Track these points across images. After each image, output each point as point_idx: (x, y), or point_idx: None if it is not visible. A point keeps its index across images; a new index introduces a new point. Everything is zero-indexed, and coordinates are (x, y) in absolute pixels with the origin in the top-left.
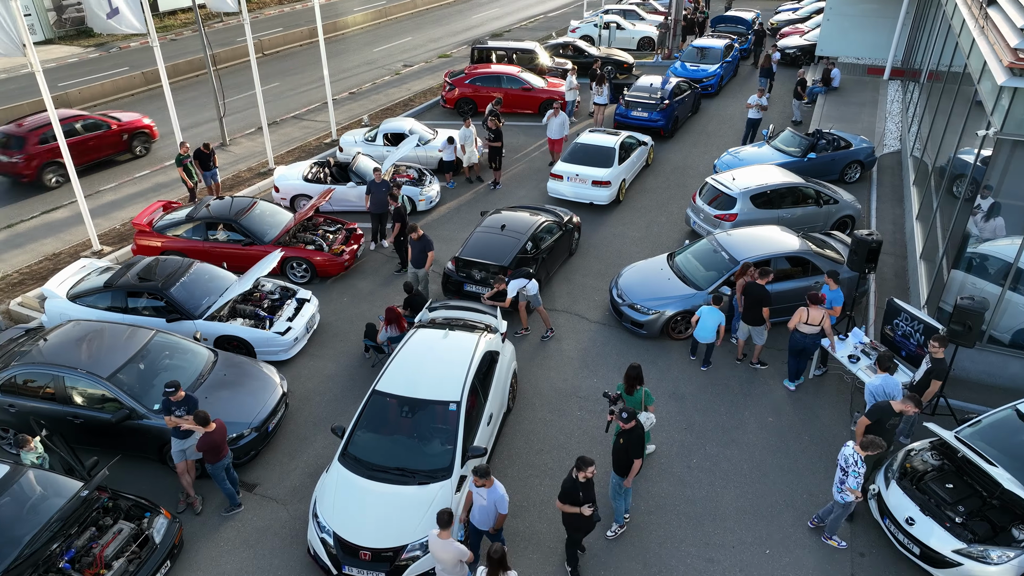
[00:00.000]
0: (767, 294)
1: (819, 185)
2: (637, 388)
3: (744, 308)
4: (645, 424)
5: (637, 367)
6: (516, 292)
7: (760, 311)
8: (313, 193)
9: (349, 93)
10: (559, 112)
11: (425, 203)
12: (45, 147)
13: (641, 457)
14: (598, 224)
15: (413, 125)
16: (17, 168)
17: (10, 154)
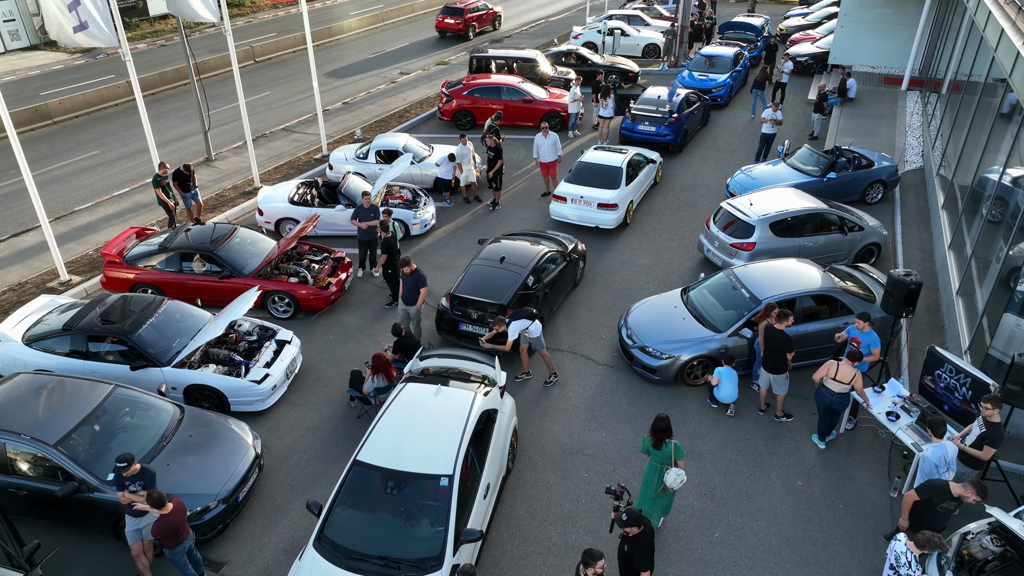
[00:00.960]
0: (788, 340)
1: (843, 210)
2: (666, 441)
3: (764, 354)
4: (675, 483)
5: (666, 419)
6: (517, 334)
7: (781, 358)
8: (299, 217)
9: (342, 103)
10: (548, 132)
11: (419, 227)
12: None
13: (649, 569)
14: (604, 250)
15: (407, 141)
16: None
17: None
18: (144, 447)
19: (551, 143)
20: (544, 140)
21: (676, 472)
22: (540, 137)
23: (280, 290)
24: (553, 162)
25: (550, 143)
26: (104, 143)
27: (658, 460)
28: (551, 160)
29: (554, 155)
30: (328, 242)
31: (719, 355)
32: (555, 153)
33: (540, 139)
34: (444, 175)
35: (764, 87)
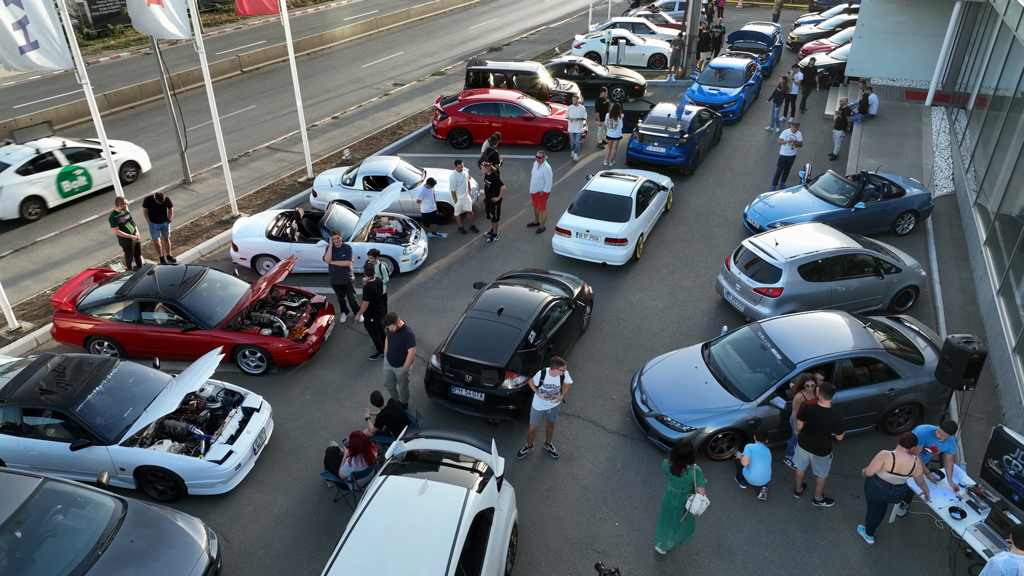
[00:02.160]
0: (838, 420)
1: (878, 249)
2: (686, 468)
3: (803, 432)
4: (699, 510)
5: (688, 444)
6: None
7: (827, 439)
8: (278, 253)
9: (332, 118)
10: (543, 162)
11: (410, 263)
12: None
13: None
14: (612, 289)
15: (398, 165)
16: None
17: None
18: (75, 557)
19: (541, 175)
20: (536, 170)
21: (700, 499)
22: (535, 164)
23: (252, 344)
24: (541, 194)
25: (540, 174)
26: None
27: (678, 486)
28: (536, 192)
29: (541, 187)
30: (310, 281)
31: (748, 428)
32: (543, 185)
33: (534, 167)
34: (428, 208)
35: (782, 100)
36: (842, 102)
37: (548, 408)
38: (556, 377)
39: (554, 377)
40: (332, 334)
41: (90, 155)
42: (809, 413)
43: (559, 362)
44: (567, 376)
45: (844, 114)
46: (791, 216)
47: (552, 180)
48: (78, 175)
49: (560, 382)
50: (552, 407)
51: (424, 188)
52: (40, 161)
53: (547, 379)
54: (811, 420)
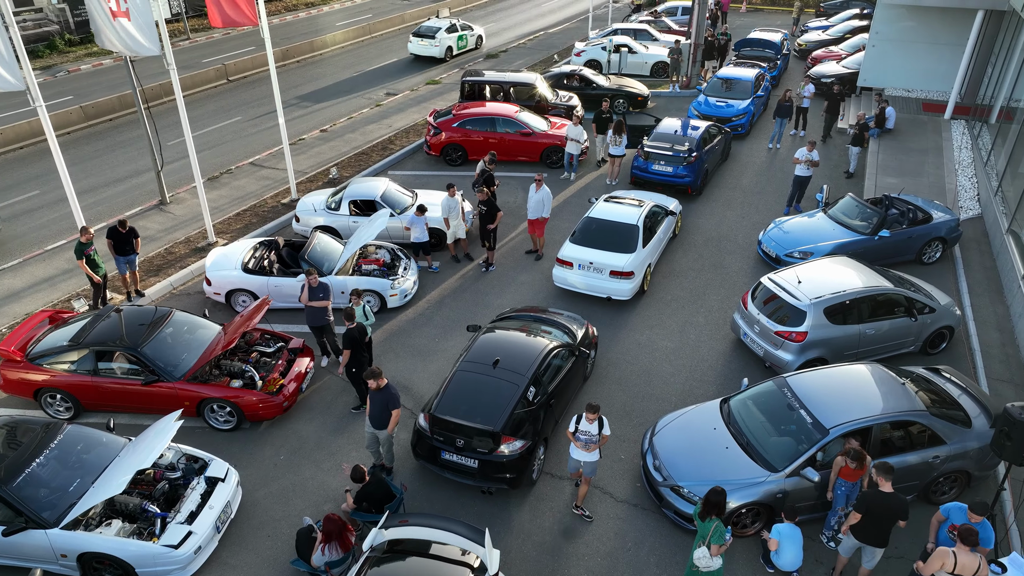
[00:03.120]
0: (903, 505)
1: (910, 287)
2: (712, 518)
3: (861, 521)
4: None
5: (721, 493)
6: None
7: (887, 529)
8: (255, 288)
9: (320, 131)
10: (542, 185)
11: (398, 299)
12: None
13: None
14: (617, 327)
15: (386, 188)
16: None
17: None
18: None
19: (539, 199)
20: (534, 194)
21: (702, 553)
22: (532, 187)
23: (220, 398)
24: (540, 220)
25: (538, 199)
26: (45, 181)
27: (700, 532)
28: (535, 218)
29: (540, 212)
30: (290, 318)
31: (775, 502)
32: (542, 210)
33: (532, 191)
34: (419, 237)
35: (789, 115)
36: (859, 116)
37: (583, 459)
38: (593, 423)
39: (591, 424)
40: (312, 379)
41: None
42: (870, 501)
43: (594, 407)
44: (606, 425)
45: (861, 130)
46: (809, 245)
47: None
48: None
49: (598, 430)
50: (588, 459)
51: (414, 215)
52: None
53: (583, 424)
54: (873, 509)
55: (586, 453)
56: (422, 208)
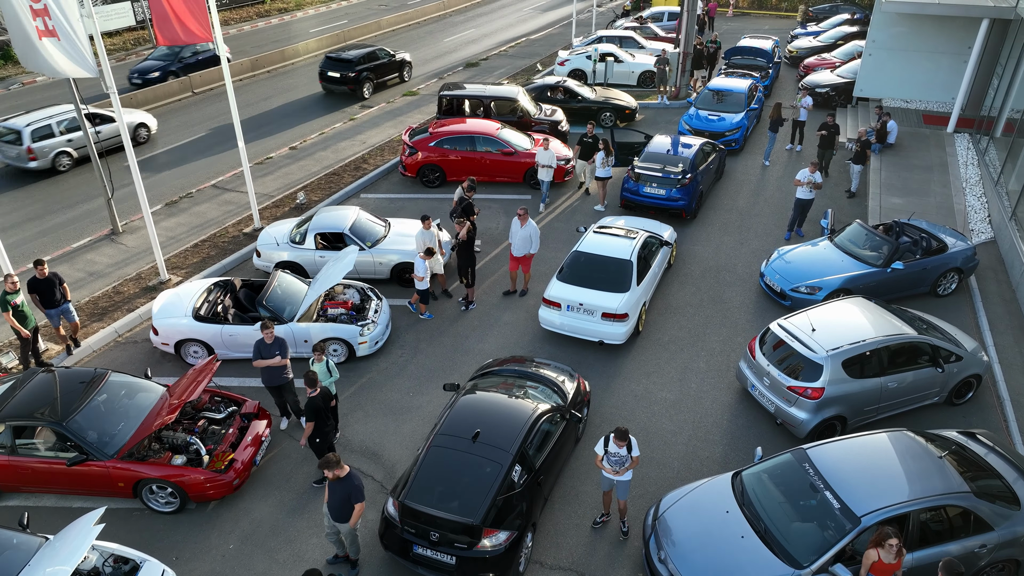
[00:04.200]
0: None
1: (934, 332)
2: None
3: None
4: None
5: None
6: None
7: None
8: (207, 338)
9: (289, 148)
10: (527, 220)
11: (368, 346)
12: None
13: None
14: (611, 375)
15: (357, 217)
16: None
17: None
18: None
19: (526, 235)
20: (519, 229)
21: None
22: (515, 222)
23: (160, 478)
24: (525, 257)
25: (524, 234)
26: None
27: None
28: (521, 255)
29: (526, 249)
30: (246, 369)
31: None
32: (528, 247)
33: (515, 226)
34: (423, 285)
35: (778, 129)
36: (860, 133)
37: (616, 480)
38: (623, 448)
39: (620, 448)
40: (268, 446)
41: None
42: None
43: (623, 433)
44: (635, 447)
45: (863, 147)
46: (816, 279)
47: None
48: None
49: (628, 453)
50: (621, 479)
51: (423, 263)
52: None
53: (611, 447)
54: None
55: (615, 476)
56: (430, 251)
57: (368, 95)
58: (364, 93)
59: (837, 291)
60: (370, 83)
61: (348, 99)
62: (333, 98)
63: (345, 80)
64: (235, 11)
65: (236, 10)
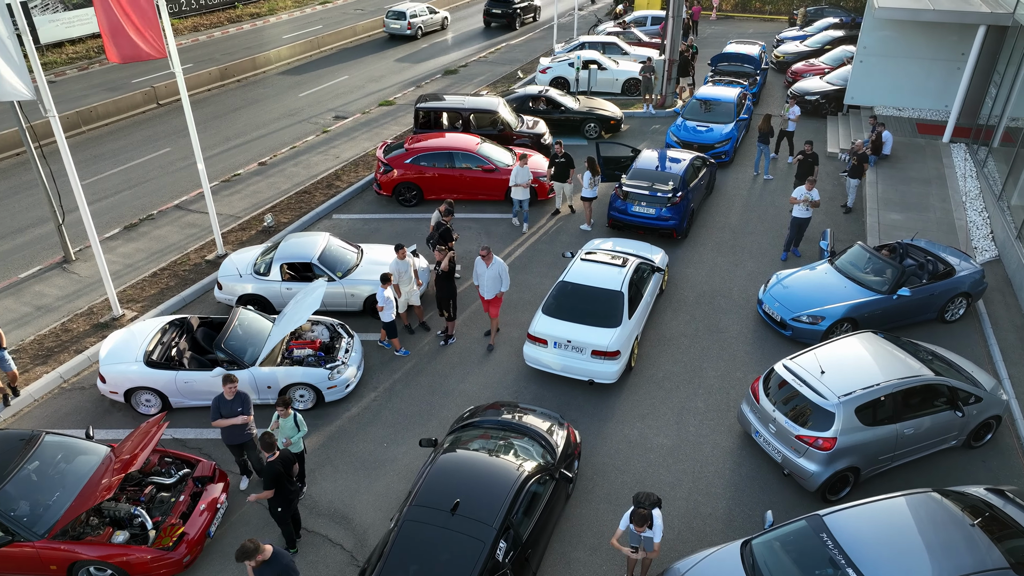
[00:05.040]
0: None
1: (951, 370)
2: None
3: None
4: None
5: None
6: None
7: None
8: (160, 386)
9: (259, 164)
10: (492, 258)
11: (339, 391)
12: None
13: None
14: (602, 418)
15: (327, 244)
16: None
17: None
18: None
19: (494, 274)
20: (485, 270)
21: None
22: (479, 263)
23: (98, 559)
24: (496, 299)
25: (493, 274)
26: None
27: None
28: (491, 297)
29: (496, 290)
30: (203, 419)
31: None
32: (498, 287)
33: (480, 265)
34: (389, 316)
35: (769, 141)
36: (857, 146)
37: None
38: (644, 530)
39: (640, 531)
40: (226, 511)
41: None
42: None
43: (642, 517)
44: (658, 528)
45: (860, 160)
46: (819, 307)
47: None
48: None
49: (652, 535)
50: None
51: (381, 290)
52: None
53: (631, 530)
54: None
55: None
56: (386, 277)
57: (518, 27)
58: (516, 25)
59: (841, 320)
60: (519, 18)
61: (323, 106)
62: (306, 107)
63: (505, 15)
64: (205, 16)
65: (206, 15)
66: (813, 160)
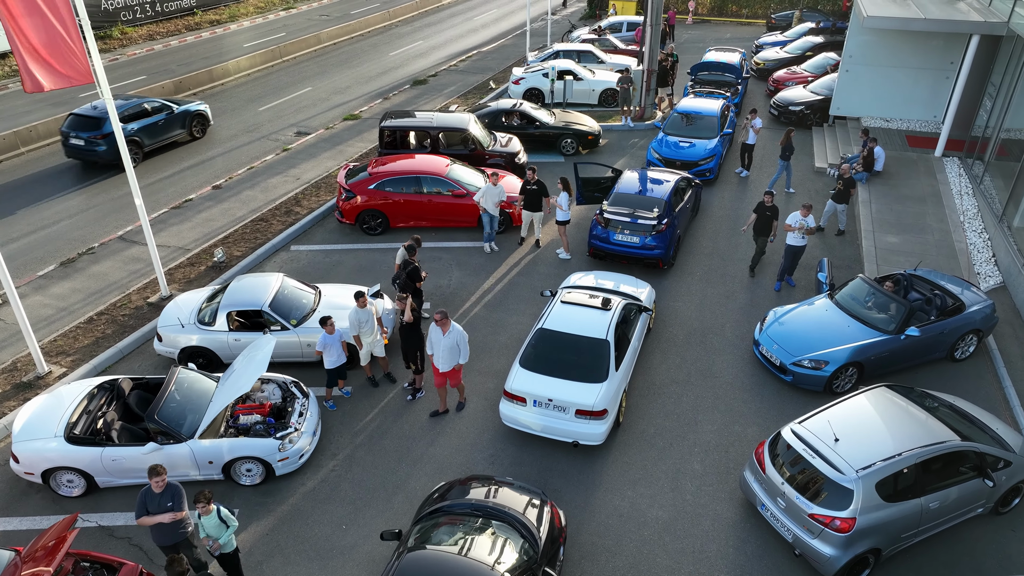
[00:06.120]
0: None
1: (977, 431)
2: None
3: None
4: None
5: None
6: None
7: None
8: (84, 465)
9: (212, 188)
10: (449, 325)
11: (292, 462)
12: None
13: None
14: (589, 485)
15: (280, 287)
16: None
17: None
18: None
19: (451, 344)
20: (441, 338)
21: None
22: (435, 331)
23: None
24: (454, 371)
25: (449, 343)
26: None
27: None
28: (448, 370)
29: (454, 361)
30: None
31: None
32: (455, 359)
33: (435, 332)
34: (335, 362)
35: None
36: (843, 170)
37: None
38: None
39: None
40: None
41: None
42: None
43: None
44: None
45: (847, 186)
46: (822, 351)
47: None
48: None
49: None
50: None
51: (324, 334)
52: None
53: None
54: None
55: None
56: (325, 320)
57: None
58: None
59: (846, 365)
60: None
61: (284, 121)
62: (266, 122)
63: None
64: (161, 24)
65: (163, 23)
66: (773, 215)
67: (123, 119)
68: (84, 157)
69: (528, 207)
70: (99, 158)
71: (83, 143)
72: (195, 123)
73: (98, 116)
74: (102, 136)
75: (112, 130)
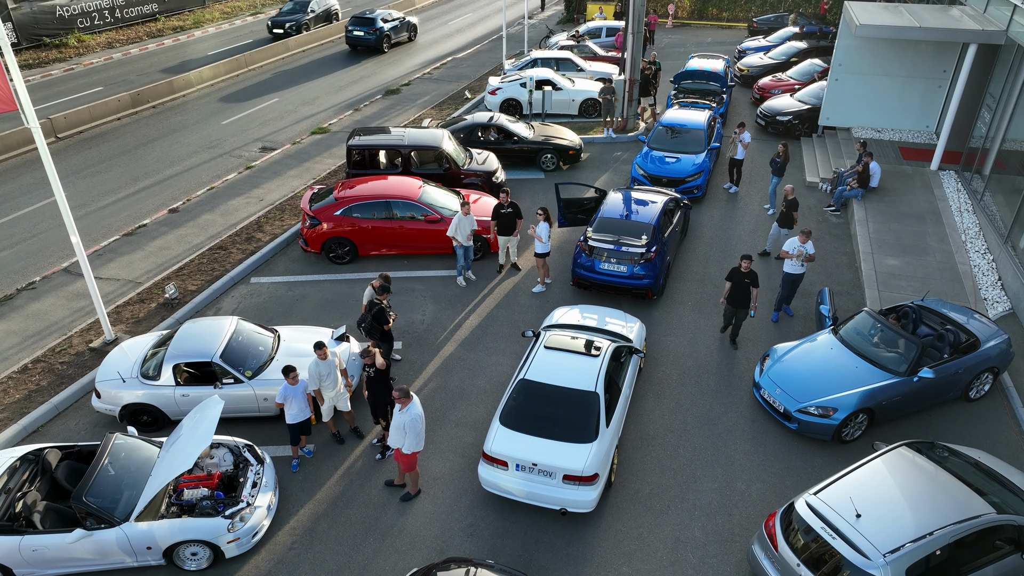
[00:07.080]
0: None
1: (1015, 501)
2: None
3: None
4: None
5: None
6: None
7: None
8: (3, 557)
9: (168, 211)
10: (408, 403)
11: (242, 543)
12: None
13: None
14: (579, 562)
15: (234, 333)
16: None
17: None
18: None
19: (403, 423)
20: (400, 416)
21: None
22: (397, 413)
23: None
24: (410, 456)
25: (406, 421)
26: None
27: None
28: (410, 452)
29: (414, 447)
30: None
31: None
32: (417, 443)
33: (396, 415)
34: (297, 417)
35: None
36: (787, 191)
37: None
38: None
39: None
40: None
41: None
42: None
43: None
44: None
45: (790, 208)
46: (829, 396)
47: (424, 427)
48: None
49: None
50: None
51: (286, 384)
52: None
53: None
54: None
55: None
56: (289, 370)
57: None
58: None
59: (855, 412)
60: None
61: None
62: (229, 137)
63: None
64: (121, 31)
65: (123, 30)
66: (752, 282)
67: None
68: None
69: (502, 232)
70: None
71: None
72: None
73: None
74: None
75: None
